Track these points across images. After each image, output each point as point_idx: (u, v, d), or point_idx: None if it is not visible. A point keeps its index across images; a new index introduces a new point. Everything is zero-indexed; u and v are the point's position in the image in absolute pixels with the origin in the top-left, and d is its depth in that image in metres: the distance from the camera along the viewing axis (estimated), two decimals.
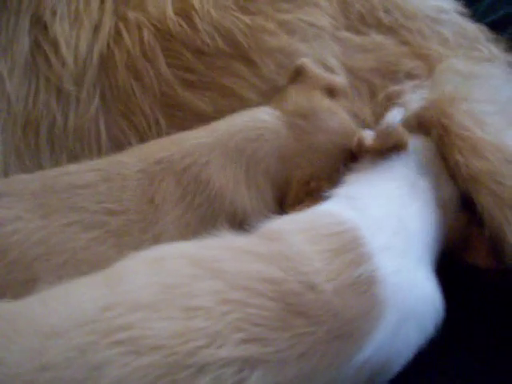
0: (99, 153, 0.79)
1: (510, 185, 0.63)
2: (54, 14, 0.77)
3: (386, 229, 0.60)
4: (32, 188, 0.65)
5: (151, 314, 0.49)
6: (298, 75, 0.76)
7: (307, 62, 0.76)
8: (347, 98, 0.76)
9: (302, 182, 0.71)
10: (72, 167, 0.69)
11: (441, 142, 0.70)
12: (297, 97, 0.74)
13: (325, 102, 0.74)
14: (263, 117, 0.73)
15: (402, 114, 0.67)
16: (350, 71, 0.79)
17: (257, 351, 0.49)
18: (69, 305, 0.51)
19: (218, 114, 0.78)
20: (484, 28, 0.86)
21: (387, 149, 0.67)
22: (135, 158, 0.69)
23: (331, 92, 0.75)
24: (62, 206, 0.64)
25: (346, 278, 0.54)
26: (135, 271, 0.54)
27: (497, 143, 0.66)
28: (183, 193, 0.68)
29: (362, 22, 0.82)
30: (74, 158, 0.78)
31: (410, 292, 0.57)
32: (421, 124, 0.74)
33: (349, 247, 0.56)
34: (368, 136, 0.70)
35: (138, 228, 0.65)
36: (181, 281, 0.52)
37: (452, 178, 0.68)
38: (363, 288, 0.54)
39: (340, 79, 0.77)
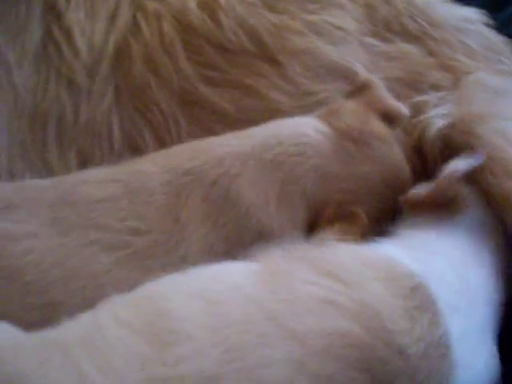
0: (111, 151, 0.74)
1: None
2: (68, 1, 0.72)
3: (451, 287, 0.54)
4: (47, 199, 0.60)
5: None
6: (360, 91, 0.71)
7: (374, 79, 0.72)
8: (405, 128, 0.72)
9: (339, 206, 0.65)
10: (89, 175, 0.63)
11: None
12: (351, 116, 0.69)
13: (381, 130, 0.69)
14: (308, 131, 0.67)
15: (469, 164, 0.62)
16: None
17: None
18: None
19: (241, 114, 0.74)
20: (508, 40, 0.85)
21: (444, 202, 0.62)
22: (161, 167, 0.63)
23: (389, 119, 0.70)
24: (81, 222, 0.59)
25: (430, 341, 0.48)
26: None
27: None
28: (209, 210, 0.62)
29: (387, 29, 0.79)
30: (83, 155, 0.73)
31: (471, 361, 0.52)
32: (447, 144, 0.71)
33: (426, 304, 0.50)
34: (420, 189, 0.64)
35: (162, 250, 0.59)
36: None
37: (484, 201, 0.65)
38: (442, 351, 0.49)
39: (403, 108, 0.71)
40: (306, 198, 0.65)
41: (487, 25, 0.85)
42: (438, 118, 0.72)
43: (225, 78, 0.75)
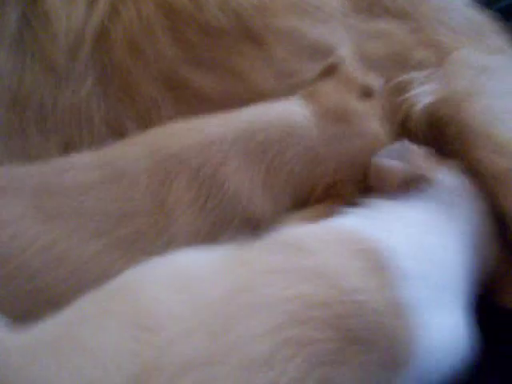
0: (91, 137, 0.72)
1: None
2: None
3: (415, 255, 0.55)
4: (33, 185, 0.58)
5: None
6: (332, 71, 0.71)
7: (343, 58, 0.72)
8: (380, 98, 0.72)
9: (327, 186, 0.66)
10: (74, 160, 0.62)
11: (459, 141, 0.67)
12: (331, 97, 0.69)
13: (360, 107, 0.69)
14: (292, 116, 0.67)
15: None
16: (361, 59, 0.76)
17: None
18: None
19: (224, 96, 0.73)
20: (490, 17, 0.86)
21: (412, 181, 0.63)
22: (146, 151, 0.62)
23: (366, 93, 0.71)
24: (67, 208, 0.57)
25: (388, 298, 0.50)
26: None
27: None
28: (195, 195, 0.61)
29: (368, 9, 0.79)
30: (63, 139, 0.71)
31: (432, 327, 0.53)
32: (433, 121, 0.72)
33: (384, 267, 0.52)
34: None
35: (149, 234, 0.59)
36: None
37: (473, 176, 0.66)
38: (402, 312, 0.50)
39: (375, 80, 0.72)
40: (292, 182, 0.65)
41: (468, 2, 0.86)
42: (423, 95, 0.72)
43: (207, 60, 0.74)
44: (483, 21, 0.85)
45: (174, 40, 0.73)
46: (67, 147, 0.71)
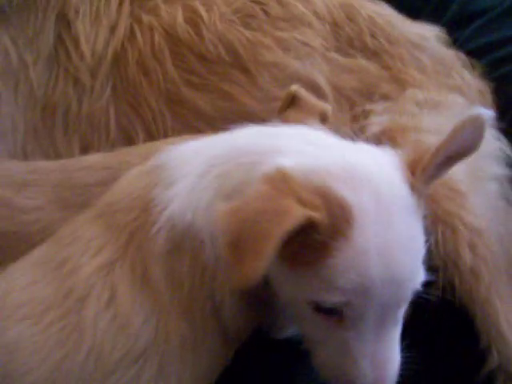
0: (107, 138, 0.89)
1: (445, 207, 0.74)
2: (77, 12, 0.87)
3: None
4: (53, 180, 0.75)
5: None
6: (293, 102, 0.80)
7: (300, 89, 0.81)
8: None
9: None
10: (87, 161, 0.78)
11: None
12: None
13: None
14: None
15: None
16: (335, 89, 0.89)
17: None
18: None
19: (217, 113, 0.89)
20: (462, 55, 0.97)
21: None
22: (142, 159, 0.75)
23: (322, 117, 0.79)
24: (77, 201, 0.73)
25: None
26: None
27: None
28: None
29: (349, 45, 0.92)
30: (84, 140, 0.89)
31: None
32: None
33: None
34: None
35: None
36: None
37: None
38: None
39: (327, 105, 0.80)
40: None
41: (442, 40, 0.97)
42: (373, 125, 0.85)
43: (204, 83, 0.89)
44: (453, 58, 0.96)
45: (177, 64, 0.88)
46: (86, 145, 0.89)
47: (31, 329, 0.56)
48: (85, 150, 0.88)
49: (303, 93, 0.82)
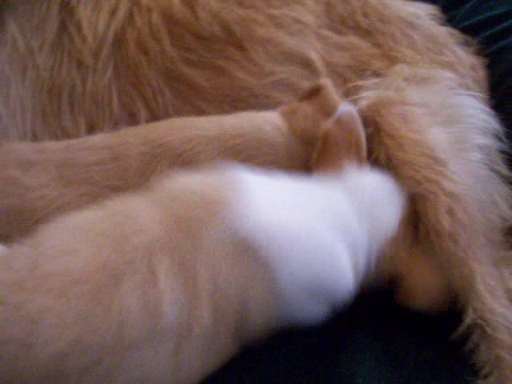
0: (111, 115, 0.94)
1: (425, 174, 0.77)
2: (79, 0, 0.91)
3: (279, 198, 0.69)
4: (57, 159, 0.80)
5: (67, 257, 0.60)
6: (315, 93, 0.84)
7: (328, 84, 0.85)
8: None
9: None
10: (89, 141, 0.83)
11: (372, 139, 0.83)
12: (307, 120, 0.81)
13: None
14: (268, 128, 0.81)
15: None
16: (328, 65, 0.93)
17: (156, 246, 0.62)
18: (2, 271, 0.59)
19: (215, 89, 0.93)
20: (456, 32, 0.99)
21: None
22: (141, 139, 0.81)
23: (331, 112, 0.81)
24: (80, 178, 0.78)
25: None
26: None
27: (418, 139, 0.80)
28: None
29: (342, 24, 0.95)
30: (90, 118, 0.94)
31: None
32: (364, 121, 0.85)
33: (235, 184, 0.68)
34: None
35: None
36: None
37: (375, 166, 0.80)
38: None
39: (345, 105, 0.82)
40: None
41: (436, 18, 0.99)
42: (362, 99, 0.88)
43: (201, 60, 0.93)
44: (445, 36, 0.98)
45: (175, 43, 0.93)
46: (92, 123, 0.94)
47: (55, 301, 0.57)
48: (91, 127, 0.93)
49: (330, 88, 0.85)
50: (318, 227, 0.67)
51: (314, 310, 0.68)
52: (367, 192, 0.74)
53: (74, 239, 0.62)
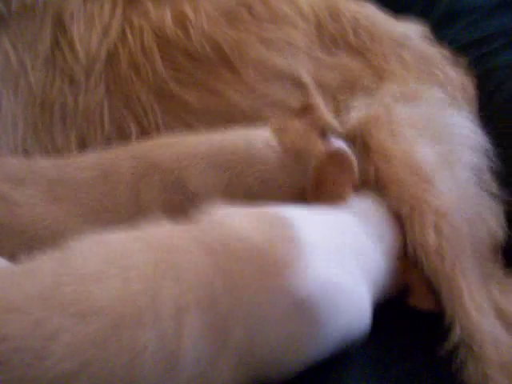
0: (102, 132, 0.94)
1: (411, 192, 0.78)
2: (72, 17, 0.92)
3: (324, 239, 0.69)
4: (48, 176, 0.80)
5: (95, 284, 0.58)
6: (305, 111, 0.85)
7: (319, 102, 0.88)
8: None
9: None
10: (81, 159, 0.83)
11: (361, 157, 0.84)
12: (297, 136, 0.82)
13: (319, 149, 0.81)
14: (260, 146, 0.81)
15: None
16: (320, 86, 0.94)
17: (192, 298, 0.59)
18: (28, 281, 0.59)
19: (205, 108, 0.94)
20: (446, 52, 1.01)
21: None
22: (132, 158, 0.81)
23: (322, 131, 0.84)
24: (70, 198, 0.78)
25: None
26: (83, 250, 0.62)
27: (407, 157, 0.82)
28: (164, 191, 0.78)
29: (333, 44, 0.97)
30: (81, 134, 0.94)
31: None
32: (354, 139, 0.89)
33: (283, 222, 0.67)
34: None
35: (123, 214, 0.78)
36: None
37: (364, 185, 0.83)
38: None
39: (335, 123, 0.87)
40: (250, 196, 0.78)
41: (427, 39, 1.01)
42: (352, 117, 0.90)
43: (192, 80, 0.94)
44: (436, 56, 1.00)
45: (166, 62, 0.94)
46: (83, 140, 0.94)
47: (74, 325, 0.56)
48: (82, 143, 0.94)
49: (320, 107, 0.88)
50: (355, 275, 0.68)
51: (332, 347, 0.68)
52: (371, 214, 0.77)
53: (104, 265, 0.60)
